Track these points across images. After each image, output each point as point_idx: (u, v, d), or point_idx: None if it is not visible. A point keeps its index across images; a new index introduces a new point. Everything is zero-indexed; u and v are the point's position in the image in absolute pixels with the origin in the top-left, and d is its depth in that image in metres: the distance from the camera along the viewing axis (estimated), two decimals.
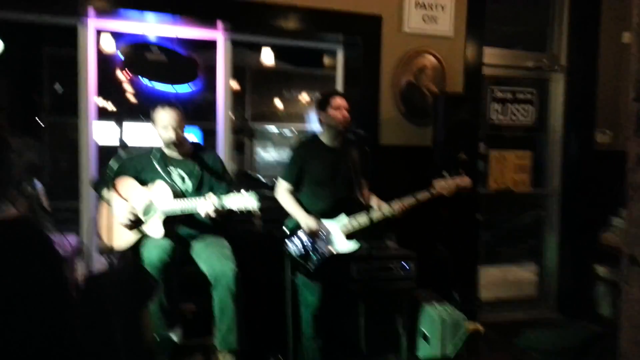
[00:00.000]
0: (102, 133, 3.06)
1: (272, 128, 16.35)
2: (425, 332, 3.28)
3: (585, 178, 4.44)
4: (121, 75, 4.79)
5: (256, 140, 16.23)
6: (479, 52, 4.09)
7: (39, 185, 4.21)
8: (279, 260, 3.05)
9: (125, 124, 4.02)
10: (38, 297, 1.26)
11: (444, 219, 3.55)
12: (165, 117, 2.97)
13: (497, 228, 5.79)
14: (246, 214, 3.59)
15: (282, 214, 3.10)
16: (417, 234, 3.62)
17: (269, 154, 16.31)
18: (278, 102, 16.23)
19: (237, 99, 17.31)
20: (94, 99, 3.65)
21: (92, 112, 3.64)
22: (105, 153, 3.37)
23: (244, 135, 15.87)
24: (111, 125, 2.90)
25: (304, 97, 15.94)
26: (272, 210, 3.47)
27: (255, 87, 16.34)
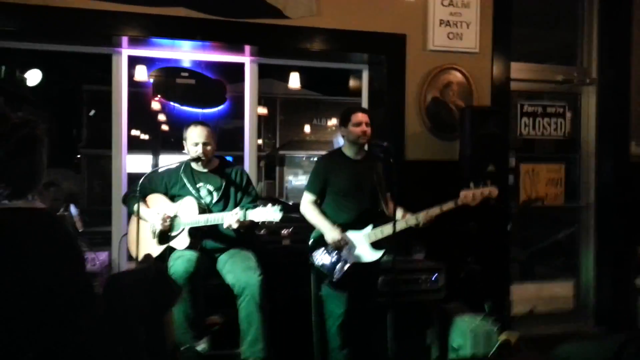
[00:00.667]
0: (134, 162, 3.20)
1: (302, 155, 16.63)
2: (456, 344, 3.19)
3: (621, 190, 4.30)
4: (152, 101, 4.95)
5: (286, 167, 16.49)
6: (506, 66, 4.06)
7: (74, 209, 4.36)
8: (304, 273, 3.03)
9: (156, 151, 4.12)
10: (56, 288, 1.28)
11: (474, 231, 3.48)
12: (196, 133, 3.07)
13: (531, 246, 5.62)
14: (275, 234, 3.64)
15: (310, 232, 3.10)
16: (447, 247, 3.56)
17: (298, 181, 16.52)
18: (307, 130, 16.53)
19: (267, 127, 17.66)
20: (125, 126, 3.77)
21: (125, 139, 3.75)
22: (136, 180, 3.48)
23: (274, 163, 16.16)
24: (143, 156, 3.03)
25: (333, 122, 16.18)
26: (301, 232, 3.48)
27: (285, 115, 16.71)
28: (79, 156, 15.86)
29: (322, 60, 4.10)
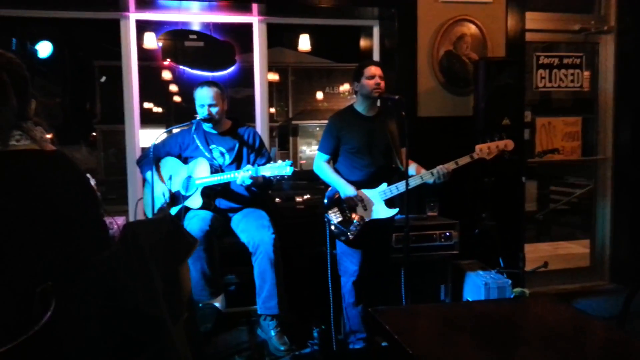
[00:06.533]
0: (149, 137, 3.24)
1: (315, 124, 16.55)
2: (469, 298, 3.19)
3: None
4: (162, 66, 4.90)
5: (299, 137, 16.45)
6: (521, 16, 3.93)
7: (92, 180, 4.40)
8: (319, 231, 3.03)
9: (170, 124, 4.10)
10: (70, 227, 1.29)
11: (489, 187, 3.43)
12: (202, 94, 3.03)
13: (548, 206, 5.58)
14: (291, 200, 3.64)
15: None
16: (461, 203, 3.52)
17: (312, 151, 16.48)
18: (320, 96, 16.37)
19: (279, 96, 17.56)
20: (137, 97, 3.78)
21: (137, 111, 3.78)
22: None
23: (288, 133, 16.10)
24: (157, 130, 3.05)
25: (345, 88, 16.03)
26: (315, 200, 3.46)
27: (297, 83, 16.55)
28: (94, 134, 16.00)
29: (331, 17, 4.02)
